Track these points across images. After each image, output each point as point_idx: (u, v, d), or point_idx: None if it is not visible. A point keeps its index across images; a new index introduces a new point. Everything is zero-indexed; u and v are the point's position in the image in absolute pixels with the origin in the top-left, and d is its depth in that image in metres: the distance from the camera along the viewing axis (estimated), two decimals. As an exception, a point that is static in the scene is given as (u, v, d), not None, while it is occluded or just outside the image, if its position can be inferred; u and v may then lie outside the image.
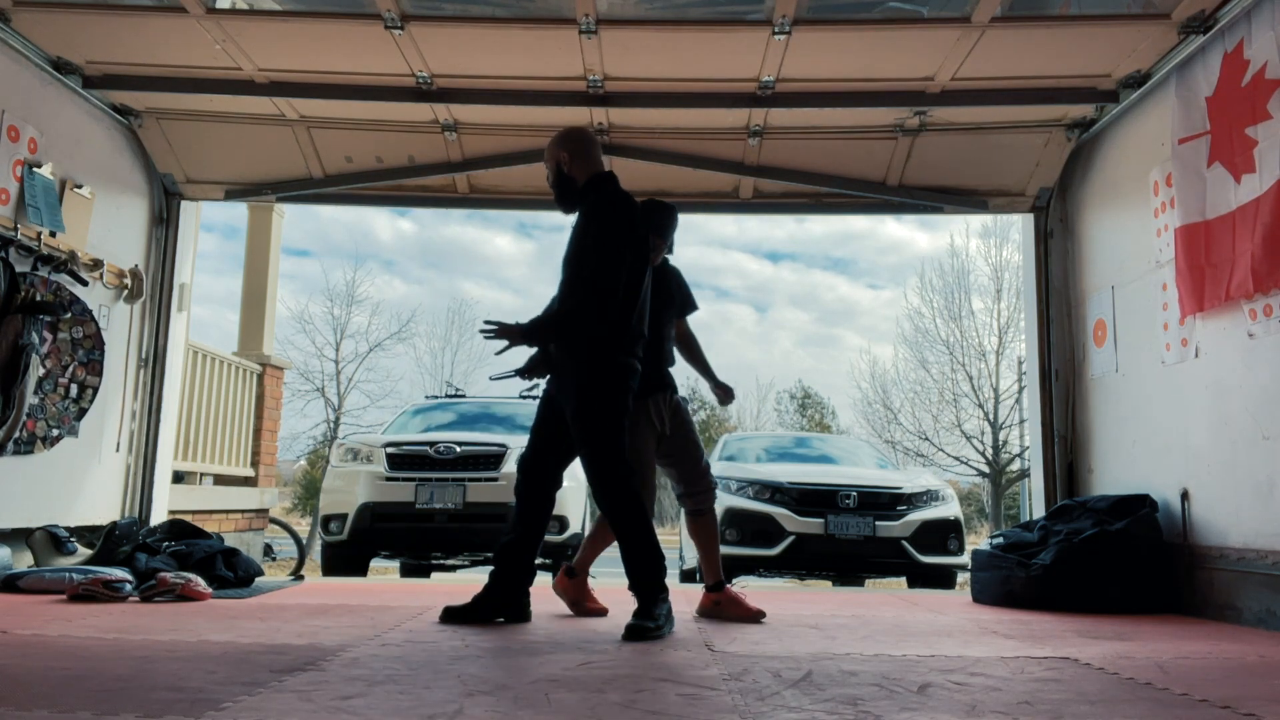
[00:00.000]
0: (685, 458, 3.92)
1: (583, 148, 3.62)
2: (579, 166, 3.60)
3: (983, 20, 4.33)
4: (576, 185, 3.59)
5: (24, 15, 4.52)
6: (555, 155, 3.62)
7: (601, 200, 3.52)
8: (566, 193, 3.63)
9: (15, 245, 4.60)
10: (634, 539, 3.42)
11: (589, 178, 3.59)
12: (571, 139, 3.64)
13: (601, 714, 2.03)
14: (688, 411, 4.02)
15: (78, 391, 5.10)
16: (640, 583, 3.40)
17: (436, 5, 4.48)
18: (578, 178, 3.59)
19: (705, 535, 3.96)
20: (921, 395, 23.35)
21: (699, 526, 3.96)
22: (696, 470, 3.93)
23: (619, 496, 3.43)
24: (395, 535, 6.57)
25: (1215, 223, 4.10)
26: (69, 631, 3.11)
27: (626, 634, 3.23)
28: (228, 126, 5.73)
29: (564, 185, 3.62)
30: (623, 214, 3.49)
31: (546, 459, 3.63)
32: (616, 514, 3.43)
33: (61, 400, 5.00)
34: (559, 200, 3.68)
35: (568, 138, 3.64)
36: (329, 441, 21.46)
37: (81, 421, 5.15)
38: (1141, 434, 4.84)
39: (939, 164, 5.76)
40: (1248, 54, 3.94)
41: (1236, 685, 2.53)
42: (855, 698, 2.25)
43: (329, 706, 2.07)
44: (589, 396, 3.42)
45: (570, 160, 3.59)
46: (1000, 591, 4.60)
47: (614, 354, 3.43)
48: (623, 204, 3.52)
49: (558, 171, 3.62)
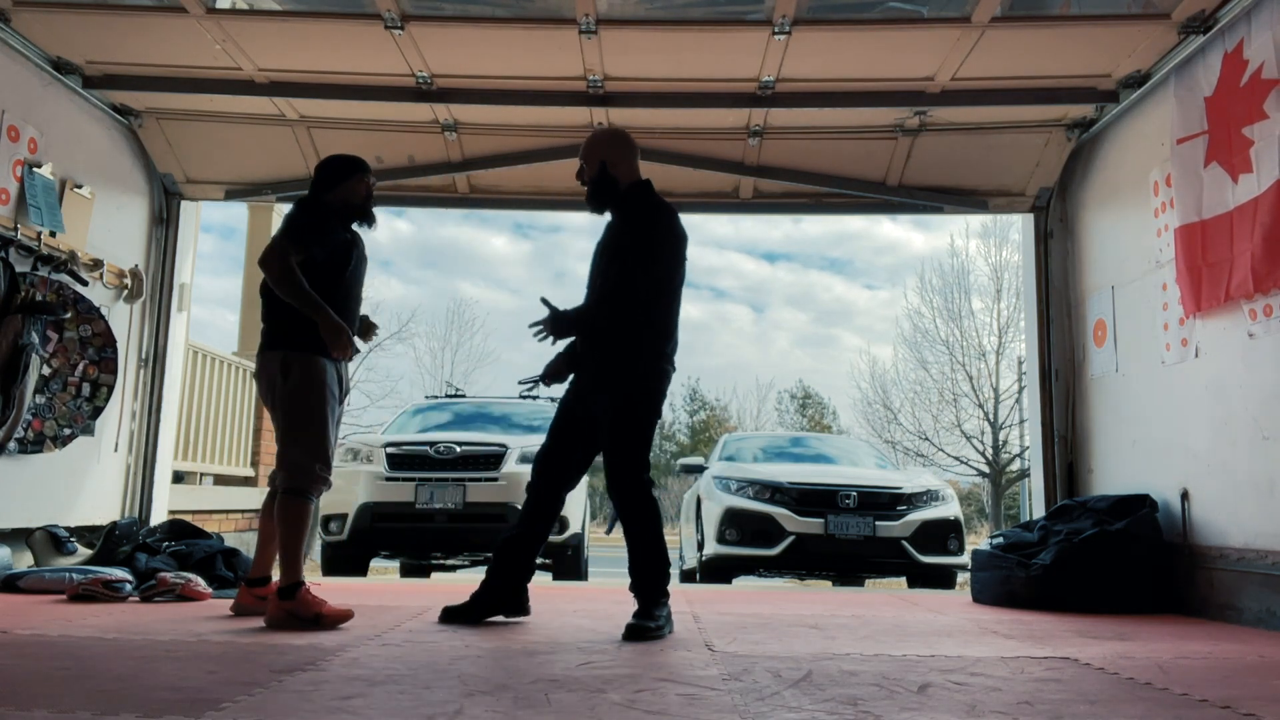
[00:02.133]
0: (337, 434, 3.74)
1: (630, 152, 3.65)
2: (624, 170, 3.61)
3: (983, 20, 4.33)
4: (619, 188, 3.60)
5: (24, 15, 4.52)
6: (600, 154, 3.61)
7: (647, 205, 3.56)
8: (605, 193, 3.62)
9: (15, 245, 4.60)
10: (645, 541, 3.44)
11: (631, 182, 3.61)
12: (620, 141, 3.65)
13: (601, 714, 2.03)
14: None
15: (90, 390, 5.10)
16: (644, 584, 3.41)
17: (436, 5, 4.48)
18: (621, 180, 3.60)
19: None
20: (921, 395, 23.36)
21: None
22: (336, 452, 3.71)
23: (638, 497, 3.45)
24: (395, 535, 6.56)
25: (1212, 222, 4.10)
26: (69, 631, 3.11)
27: (627, 634, 3.24)
28: (228, 126, 5.73)
29: (605, 185, 3.61)
30: (667, 220, 3.52)
31: (565, 459, 3.64)
32: (633, 514, 3.46)
33: (73, 399, 5.00)
34: (594, 199, 3.66)
35: (617, 139, 3.66)
36: (329, 442, 21.39)
37: (97, 420, 5.15)
38: (1141, 434, 4.84)
39: (939, 164, 5.76)
40: (1247, 54, 3.94)
41: (1236, 685, 2.53)
42: (855, 698, 2.25)
43: (329, 706, 2.07)
44: (628, 398, 3.44)
45: (617, 162, 3.60)
46: (1000, 591, 4.60)
47: (654, 358, 3.47)
48: (667, 211, 3.56)
49: (601, 170, 3.59)
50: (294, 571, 3.46)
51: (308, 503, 3.55)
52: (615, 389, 3.46)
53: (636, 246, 3.47)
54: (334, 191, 3.70)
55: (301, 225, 3.55)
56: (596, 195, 3.64)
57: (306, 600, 3.42)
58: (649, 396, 3.48)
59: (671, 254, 3.49)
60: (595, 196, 3.65)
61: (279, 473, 3.60)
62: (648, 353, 3.45)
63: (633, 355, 3.46)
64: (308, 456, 3.53)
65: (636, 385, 3.45)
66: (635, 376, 3.45)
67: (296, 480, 3.52)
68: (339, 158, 3.83)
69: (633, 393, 3.45)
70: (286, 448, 3.60)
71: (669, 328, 3.52)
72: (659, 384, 3.50)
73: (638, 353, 3.45)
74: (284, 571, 3.47)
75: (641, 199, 3.59)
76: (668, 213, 3.55)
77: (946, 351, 22.47)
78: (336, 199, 3.70)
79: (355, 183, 3.74)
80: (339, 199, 3.70)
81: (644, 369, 3.46)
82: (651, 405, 3.49)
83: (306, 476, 3.52)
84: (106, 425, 5.51)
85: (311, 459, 3.53)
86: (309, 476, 3.52)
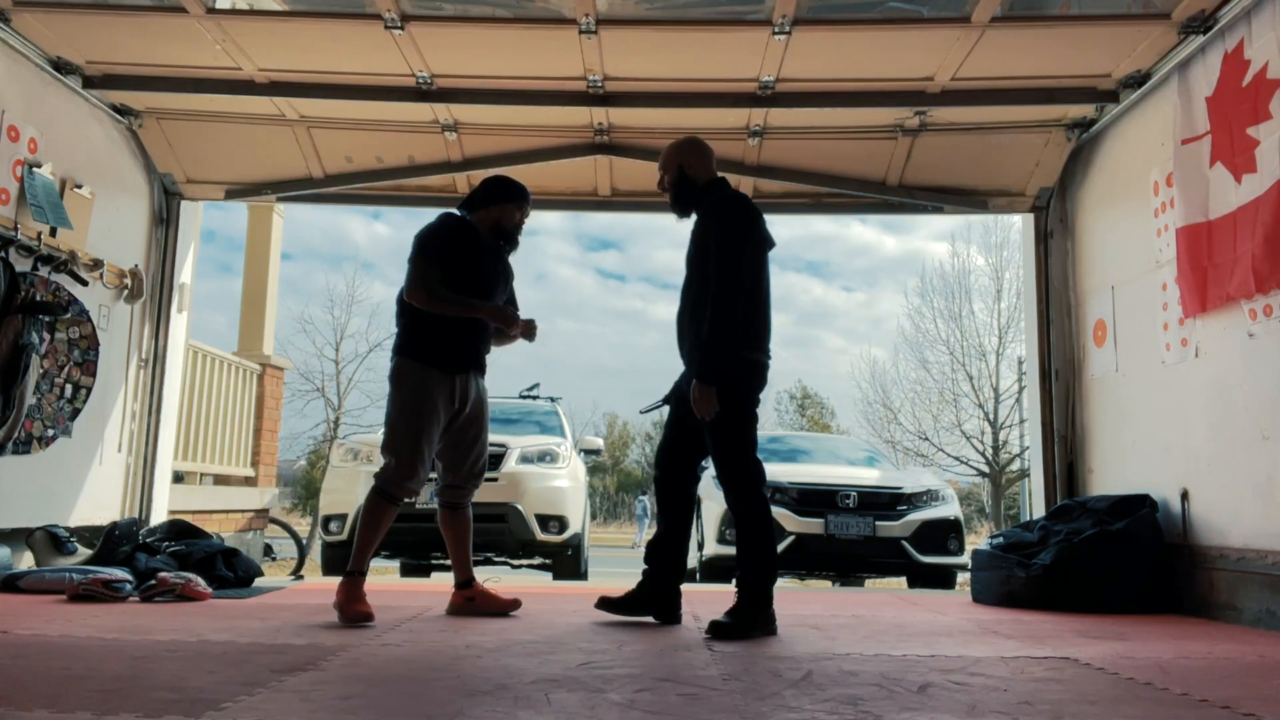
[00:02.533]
0: (472, 449, 3.87)
1: (704, 154, 3.77)
2: (700, 171, 3.73)
3: (982, 20, 4.33)
4: (698, 187, 3.71)
5: (24, 15, 4.52)
6: (677, 161, 3.74)
7: (723, 200, 3.65)
8: (687, 195, 3.73)
9: (15, 245, 4.60)
10: (755, 537, 3.46)
11: (707, 180, 3.73)
12: (694, 146, 3.79)
13: (601, 714, 2.03)
14: (487, 404, 3.95)
15: (72, 392, 5.10)
16: (739, 579, 3.45)
17: (436, 5, 4.48)
18: (698, 180, 3.72)
19: (461, 530, 3.94)
20: (921, 395, 23.37)
21: (457, 520, 3.93)
22: (478, 464, 3.90)
23: (748, 493, 3.48)
24: (395, 535, 6.51)
25: (1218, 223, 4.10)
26: (69, 631, 3.11)
27: (709, 629, 3.29)
28: (228, 126, 5.73)
29: (686, 188, 3.72)
30: (744, 211, 3.60)
31: (681, 454, 3.70)
32: (744, 510, 3.48)
33: (57, 400, 4.99)
34: (676, 203, 3.78)
35: (690, 144, 3.79)
36: (329, 441, 21.46)
37: (75, 422, 5.14)
38: (1141, 434, 4.84)
39: (939, 164, 5.76)
40: (1248, 54, 3.94)
41: (1236, 685, 2.53)
42: (855, 698, 2.25)
43: (329, 706, 2.07)
44: (721, 393, 3.45)
45: (693, 165, 3.72)
46: (1000, 591, 4.60)
47: (745, 350, 3.50)
48: (742, 203, 3.66)
49: (679, 174, 3.72)
50: (357, 561, 3.66)
51: (385, 502, 3.68)
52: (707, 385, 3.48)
53: (709, 238, 3.55)
54: (490, 209, 3.88)
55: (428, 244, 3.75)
56: (679, 199, 3.76)
57: (343, 588, 3.59)
58: (741, 389, 3.50)
59: (741, 242, 3.53)
60: (678, 200, 3.77)
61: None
62: (735, 344, 3.47)
63: (719, 348, 3.45)
64: (390, 460, 3.70)
65: (725, 379, 3.46)
66: (725, 370, 3.46)
67: (379, 480, 3.71)
68: (505, 181, 4.00)
69: (726, 387, 3.45)
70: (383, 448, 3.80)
71: (758, 318, 3.54)
72: (750, 376, 3.53)
73: (724, 345, 3.45)
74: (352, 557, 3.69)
75: (716, 194, 3.68)
76: (737, 202, 3.65)
77: (947, 351, 22.49)
78: (488, 218, 3.88)
79: (513, 208, 3.91)
80: (491, 219, 3.89)
81: (733, 362, 3.47)
82: (743, 396, 3.51)
83: (386, 478, 3.68)
84: (107, 425, 5.52)
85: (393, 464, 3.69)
86: (387, 478, 3.68)
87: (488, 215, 3.88)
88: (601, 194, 6.17)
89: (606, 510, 36.98)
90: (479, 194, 3.92)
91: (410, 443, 3.66)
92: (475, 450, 3.90)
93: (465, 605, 3.91)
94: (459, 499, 3.93)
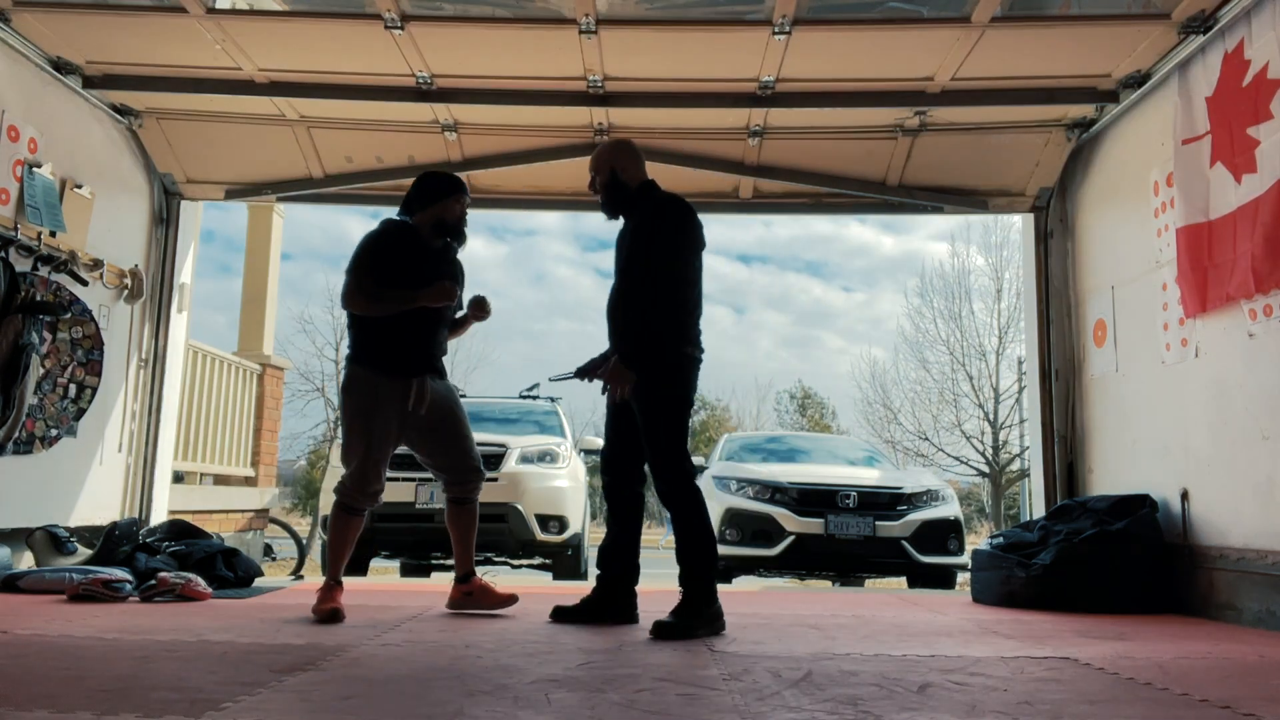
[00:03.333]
0: (453, 447, 3.90)
1: (634, 156, 3.77)
2: (632, 173, 3.73)
3: (982, 20, 4.33)
4: (629, 191, 3.71)
5: (24, 15, 4.52)
6: (608, 162, 3.73)
7: (656, 201, 3.67)
8: (618, 198, 3.73)
9: (15, 245, 4.60)
10: (691, 531, 3.46)
11: (639, 184, 3.73)
12: (625, 149, 3.79)
13: (601, 714, 2.03)
14: (457, 399, 3.98)
15: (76, 391, 5.10)
16: (682, 578, 3.44)
17: (436, 5, 4.48)
18: (630, 184, 3.72)
19: (466, 525, 3.96)
20: (921, 395, 23.37)
21: (462, 515, 3.96)
22: (467, 460, 3.92)
23: (681, 489, 3.47)
24: (395, 535, 6.56)
25: (1218, 223, 4.10)
26: (69, 631, 3.11)
27: (653, 630, 3.26)
28: (228, 126, 5.73)
29: (617, 191, 3.72)
30: (673, 210, 3.61)
31: (624, 455, 3.69)
32: (678, 507, 3.47)
33: (60, 400, 4.99)
34: (608, 205, 3.78)
35: (620, 147, 3.82)
36: (329, 441, 21.45)
37: (80, 422, 5.15)
38: (1141, 434, 4.84)
39: (939, 164, 5.76)
40: (1248, 54, 3.94)
41: (1236, 685, 2.53)
42: (855, 698, 2.25)
43: (329, 706, 2.07)
44: (655, 390, 3.48)
45: (625, 167, 3.72)
46: (1000, 591, 4.60)
47: (677, 345, 3.51)
48: (673, 202, 3.66)
49: (611, 177, 3.71)
50: (332, 571, 3.79)
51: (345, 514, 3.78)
52: (644, 380, 3.49)
53: (645, 240, 3.56)
54: (427, 209, 3.87)
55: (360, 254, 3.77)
56: (610, 201, 3.76)
57: (321, 593, 3.68)
58: (675, 382, 3.51)
59: (679, 242, 3.55)
60: (609, 203, 3.77)
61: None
62: (666, 340, 3.49)
63: (650, 346, 3.49)
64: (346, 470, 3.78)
65: (657, 374, 3.48)
66: (655, 366, 3.48)
67: (336, 492, 3.79)
68: (437, 176, 3.99)
69: (654, 382, 3.48)
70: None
71: (688, 313, 3.55)
72: (684, 369, 3.53)
73: (655, 342, 3.49)
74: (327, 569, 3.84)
75: (648, 196, 3.70)
76: (674, 204, 3.64)
77: (947, 351, 22.49)
78: (429, 217, 3.86)
79: (452, 202, 3.89)
80: (431, 217, 3.86)
81: (664, 357, 3.49)
82: (679, 390, 3.52)
83: (343, 489, 3.77)
84: (108, 425, 5.51)
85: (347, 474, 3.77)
86: (344, 489, 3.76)
87: (427, 214, 3.87)
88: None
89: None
90: (414, 195, 3.91)
91: (360, 452, 3.71)
92: (459, 446, 3.90)
93: (463, 600, 3.94)
94: (464, 495, 3.95)
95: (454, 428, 3.89)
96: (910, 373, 23.79)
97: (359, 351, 3.78)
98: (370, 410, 3.70)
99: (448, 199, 3.88)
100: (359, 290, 3.70)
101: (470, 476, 3.93)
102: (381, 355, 3.73)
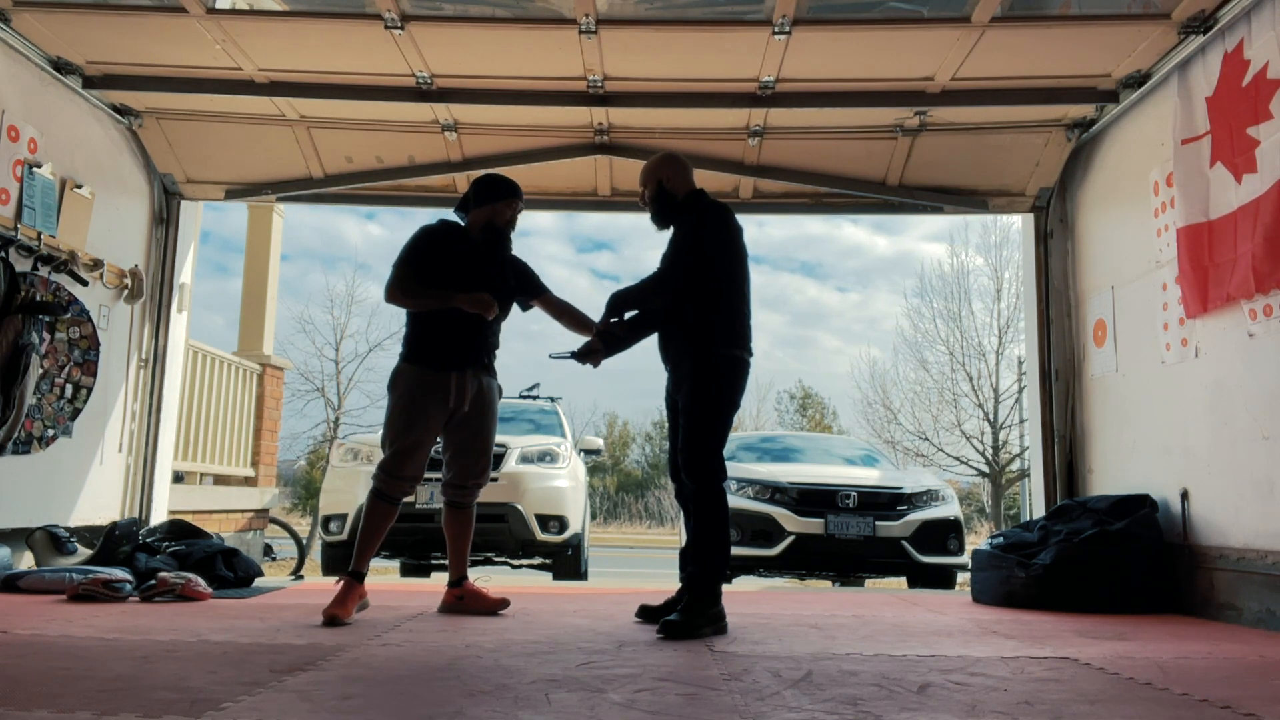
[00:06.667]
0: (471, 448, 3.92)
1: (681, 167, 3.85)
2: (679, 184, 3.80)
3: (983, 20, 4.33)
4: (676, 201, 3.78)
5: (24, 15, 4.52)
6: (654, 175, 3.81)
7: (702, 207, 3.73)
8: (666, 209, 3.80)
9: (15, 245, 4.60)
10: (711, 534, 3.47)
11: (686, 193, 3.80)
12: (670, 161, 3.86)
13: (601, 714, 2.03)
14: (494, 402, 4.00)
15: (72, 392, 5.10)
16: (691, 577, 3.47)
17: (436, 5, 4.48)
18: (677, 194, 3.79)
19: (462, 530, 4.00)
20: (921, 395, 23.34)
21: (459, 519, 3.99)
22: (478, 464, 3.95)
23: (710, 491, 3.49)
24: (395, 535, 6.54)
25: (1218, 223, 4.10)
26: (69, 631, 3.11)
27: (661, 629, 3.29)
28: (228, 126, 5.73)
29: (665, 201, 3.79)
30: (716, 216, 3.67)
31: None
32: (703, 507, 3.50)
33: (57, 400, 4.99)
34: (658, 216, 3.85)
35: (668, 159, 3.86)
36: (329, 441, 21.45)
37: (75, 421, 5.15)
38: (1141, 434, 4.84)
39: (939, 164, 5.76)
40: (1248, 54, 3.94)
41: (1236, 685, 2.53)
42: (855, 698, 2.25)
43: (329, 706, 2.07)
44: (699, 387, 3.54)
45: (671, 178, 3.79)
46: (1000, 591, 4.60)
47: (726, 347, 3.56)
48: (718, 209, 3.72)
49: (658, 189, 3.79)
50: (357, 561, 3.78)
51: (381, 502, 3.80)
52: (690, 379, 3.57)
53: (684, 245, 3.64)
54: (480, 210, 3.95)
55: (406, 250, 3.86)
56: (658, 212, 3.84)
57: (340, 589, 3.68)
58: (721, 383, 3.55)
59: (722, 246, 3.61)
60: (657, 213, 3.85)
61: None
62: (714, 341, 3.55)
63: (699, 346, 3.56)
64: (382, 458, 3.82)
65: (704, 374, 3.54)
66: (703, 366, 3.55)
67: (374, 480, 3.83)
68: (494, 179, 4.06)
69: (700, 382, 3.54)
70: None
71: (736, 316, 3.61)
72: (732, 371, 3.57)
73: (704, 343, 3.55)
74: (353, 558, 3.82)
75: (696, 203, 3.76)
76: (715, 210, 3.70)
77: (946, 352, 22.48)
78: (480, 218, 3.95)
79: (503, 206, 3.96)
80: (483, 218, 3.95)
81: (711, 357, 3.55)
82: (724, 392, 3.56)
83: (379, 477, 3.80)
84: (108, 425, 5.51)
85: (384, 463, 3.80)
86: (380, 478, 3.80)
87: (479, 215, 3.95)
88: (601, 194, 6.18)
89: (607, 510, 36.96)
90: (470, 195, 3.99)
91: (399, 442, 3.76)
92: (475, 449, 3.92)
93: (455, 604, 3.96)
94: (461, 499, 3.98)
95: (480, 430, 3.93)
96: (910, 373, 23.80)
97: (406, 348, 3.88)
98: (411, 398, 3.78)
99: (499, 202, 3.95)
100: (398, 284, 3.80)
101: (474, 482, 3.97)
102: (427, 350, 3.81)
